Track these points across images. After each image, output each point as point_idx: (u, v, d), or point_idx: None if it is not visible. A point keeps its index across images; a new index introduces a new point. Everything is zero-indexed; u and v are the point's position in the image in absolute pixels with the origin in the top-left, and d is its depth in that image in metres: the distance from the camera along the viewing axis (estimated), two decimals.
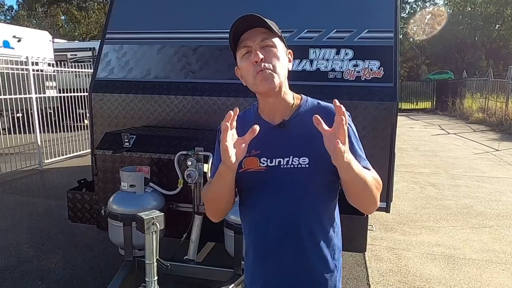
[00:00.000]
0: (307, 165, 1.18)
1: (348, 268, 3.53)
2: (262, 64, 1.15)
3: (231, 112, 1.03)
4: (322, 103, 1.28)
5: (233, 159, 1.05)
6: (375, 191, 1.15)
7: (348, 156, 1.02)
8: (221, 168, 1.13)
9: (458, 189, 6.18)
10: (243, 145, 1.07)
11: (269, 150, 1.21)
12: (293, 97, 1.27)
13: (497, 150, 9.61)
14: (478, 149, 9.79)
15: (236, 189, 1.28)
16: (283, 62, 1.20)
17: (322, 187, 1.21)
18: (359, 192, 1.14)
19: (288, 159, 1.19)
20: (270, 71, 1.16)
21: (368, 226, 3.00)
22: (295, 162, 1.18)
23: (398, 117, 2.99)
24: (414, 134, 12.80)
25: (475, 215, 4.95)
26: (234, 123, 1.06)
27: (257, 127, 1.05)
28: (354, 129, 1.26)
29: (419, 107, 23.37)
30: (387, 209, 2.93)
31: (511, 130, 12.36)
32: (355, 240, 2.57)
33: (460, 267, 3.57)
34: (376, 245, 4.04)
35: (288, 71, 1.24)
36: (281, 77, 1.18)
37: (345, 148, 0.99)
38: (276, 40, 1.19)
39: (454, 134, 12.67)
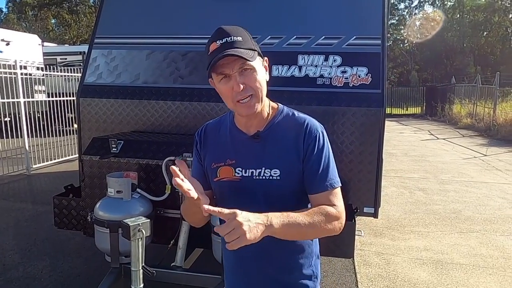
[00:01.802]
0: (278, 177, 1.20)
1: (337, 274, 3.53)
2: (243, 93, 1.13)
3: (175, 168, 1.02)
4: (297, 114, 1.27)
5: (194, 194, 1.04)
6: (322, 231, 1.15)
7: (258, 230, 1.01)
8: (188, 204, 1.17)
9: (447, 194, 6.24)
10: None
11: (244, 160, 1.23)
12: (269, 107, 1.27)
13: (485, 155, 9.74)
14: (466, 154, 9.91)
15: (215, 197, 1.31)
16: (262, 81, 1.17)
17: (293, 198, 1.23)
18: (300, 238, 1.20)
19: (260, 170, 1.21)
20: (251, 97, 1.15)
21: (357, 232, 3.01)
22: (267, 173, 1.20)
23: (388, 122, 3.03)
24: (404, 139, 12.91)
25: (463, 220, 5.00)
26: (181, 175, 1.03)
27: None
28: (326, 144, 1.24)
29: (409, 113, 23.60)
30: (375, 215, 2.95)
31: (499, 136, 12.54)
32: (343, 246, 2.58)
33: (448, 271, 3.60)
34: (365, 250, 4.05)
35: (266, 82, 1.24)
36: (262, 98, 1.19)
37: (245, 231, 0.97)
38: (254, 62, 1.14)
39: (443, 139, 12.82)
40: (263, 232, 1.02)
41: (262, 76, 1.18)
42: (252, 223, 0.99)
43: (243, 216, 0.99)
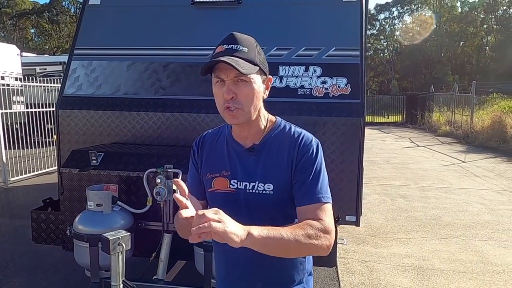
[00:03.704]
0: (271, 192, 1.19)
1: (320, 282, 3.54)
2: (232, 102, 1.13)
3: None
4: (293, 128, 1.26)
5: (186, 215, 1.00)
6: (308, 247, 1.08)
7: (236, 235, 0.95)
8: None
9: (427, 200, 6.35)
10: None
11: (239, 173, 1.22)
12: (267, 120, 1.26)
13: (464, 162, 9.98)
14: (446, 161, 10.14)
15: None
16: (255, 96, 1.16)
17: (286, 213, 1.22)
18: (283, 253, 1.10)
19: (254, 184, 1.20)
20: (238, 109, 1.14)
21: (340, 240, 3.03)
22: (260, 187, 1.19)
23: (370, 130, 3.08)
24: (386, 147, 13.12)
25: (443, 226, 5.09)
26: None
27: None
28: (320, 158, 1.22)
29: (390, 121, 24.02)
30: (356, 223, 2.97)
31: (476, 143, 12.88)
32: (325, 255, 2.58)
33: (429, 277, 3.65)
34: (348, 258, 4.08)
35: (263, 99, 1.23)
36: (250, 113, 1.17)
37: (221, 229, 0.92)
38: (251, 76, 1.14)
39: (424, 146, 13.08)
40: (242, 234, 0.97)
41: (258, 91, 1.17)
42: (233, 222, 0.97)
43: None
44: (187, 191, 1.03)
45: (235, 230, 0.95)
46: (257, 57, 1.16)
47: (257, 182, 1.20)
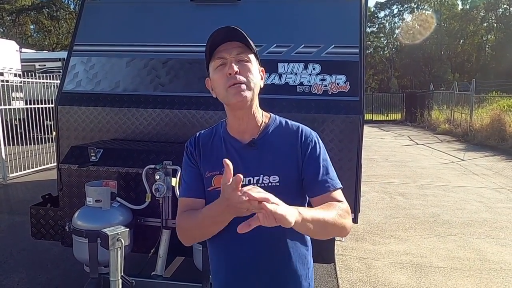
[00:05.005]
0: (277, 183, 1.19)
1: (319, 279, 3.56)
2: (237, 77, 1.15)
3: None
4: (290, 122, 1.30)
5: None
6: (339, 225, 1.12)
7: (291, 215, 0.95)
8: (220, 212, 1.06)
9: (426, 198, 6.37)
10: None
11: (240, 169, 1.18)
12: (263, 115, 1.29)
13: (462, 160, 10.00)
14: (444, 159, 10.15)
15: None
16: (256, 78, 1.21)
17: (291, 204, 1.18)
18: (319, 235, 1.14)
19: (258, 177, 1.20)
20: (243, 84, 1.16)
21: (338, 237, 3.05)
22: (266, 180, 1.19)
23: (370, 128, 3.08)
24: (385, 144, 13.14)
25: (442, 224, 5.11)
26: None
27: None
28: (323, 148, 1.27)
29: (389, 119, 24.06)
30: (354, 220, 2.98)
31: (475, 141, 12.89)
32: (323, 252, 2.60)
33: (427, 275, 3.67)
34: (346, 255, 4.09)
35: (260, 88, 1.26)
36: (253, 92, 1.20)
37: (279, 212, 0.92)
38: (252, 57, 1.21)
39: (423, 144, 13.10)
40: (297, 216, 0.97)
41: (256, 73, 1.22)
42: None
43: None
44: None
45: (290, 212, 0.96)
46: (253, 44, 1.21)
47: (261, 175, 1.20)
